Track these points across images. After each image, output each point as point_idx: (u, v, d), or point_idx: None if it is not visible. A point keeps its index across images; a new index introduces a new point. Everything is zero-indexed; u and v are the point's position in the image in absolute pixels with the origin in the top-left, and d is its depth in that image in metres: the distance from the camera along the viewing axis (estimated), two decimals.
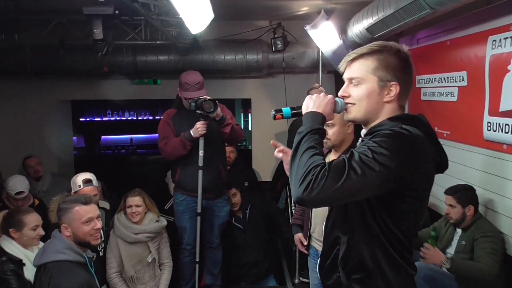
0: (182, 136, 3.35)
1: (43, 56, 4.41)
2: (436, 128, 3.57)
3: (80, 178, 3.11)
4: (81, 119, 8.80)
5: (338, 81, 5.16)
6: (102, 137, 9.18)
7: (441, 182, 2.93)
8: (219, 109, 3.25)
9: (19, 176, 3.75)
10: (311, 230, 2.82)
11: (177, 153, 3.42)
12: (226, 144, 4.46)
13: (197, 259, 3.50)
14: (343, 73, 1.53)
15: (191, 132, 3.31)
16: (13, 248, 2.64)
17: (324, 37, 4.00)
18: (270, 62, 4.83)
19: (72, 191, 3.12)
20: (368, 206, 1.39)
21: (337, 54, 4.12)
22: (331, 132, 2.53)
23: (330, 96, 1.50)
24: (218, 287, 3.81)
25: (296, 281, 3.99)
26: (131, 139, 8.97)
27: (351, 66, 1.49)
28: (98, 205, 2.99)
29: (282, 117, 1.63)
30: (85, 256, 2.24)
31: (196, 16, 2.71)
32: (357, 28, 3.71)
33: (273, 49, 4.67)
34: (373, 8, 3.30)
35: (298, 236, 2.98)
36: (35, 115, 5.08)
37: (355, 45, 4.05)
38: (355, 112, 1.48)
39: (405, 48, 1.48)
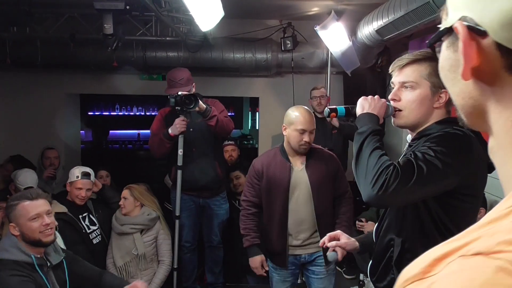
0: (161, 134, 3.32)
1: (54, 50, 4.44)
2: None
3: (80, 169, 3.18)
4: (89, 113, 8.85)
5: (346, 82, 5.15)
6: (110, 131, 9.22)
7: None
8: (200, 102, 3.16)
9: (29, 170, 3.78)
10: (289, 241, 2.68)
11: (158, 151, 3.40)
12: (231, 142, 4.47)
13: (175, 266, 3.43)
14: (391, 77, 1.56)
15: (169, 129, 3.24)
16: None
17: (334, 38, 3.99)
18: (279, 62, 4.82)
19: (68, 180, 3.17)
20: (425, 207, 1.43)
21: (346, 55, 4.11)
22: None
23: (383, 100, 1.55)
24: (220, 284, 3.82)
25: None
26: (139, 134, 9.00)
27: (403, 71, 1.51)
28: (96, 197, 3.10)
29: (336, 116, 1.68)
30: (32, 256, 2.09)
31: (206, 13, 2.72)
32: (367, 29, 3.70)
33: (283, 49, 4.67)
34: (383, 10, 3.28)
35: (260, 259, 2.72)
36: (44, 108, 5.12)
37: (364, 46, 4.04)
38: (406, 118, 1.51)
39: None
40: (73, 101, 5.77)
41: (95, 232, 3.18)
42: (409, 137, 1.57)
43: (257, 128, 7.87)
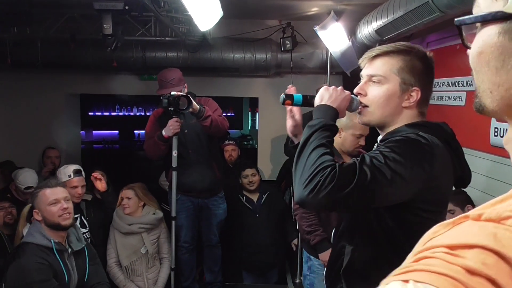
0: (155, 136, 3.29)
1: (54, 50, 4.45)
2: None
3: (71, 168, 3.20)
4: (90, 114, 8.87)
5: (346, 82, 5.15)
6: (110, 132, 9.23)
7: None
8: (194, 103, 3.12)
9: (29, 170, 3.79)
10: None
11: (153, 153, 3.38)
12: (232, 142, 4.47)
13: (173, 266, 3.45)
14: (361, 69, 1.43)
15: (163, 131, 3.21)
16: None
17: (333, 38, 4.00)
18: (278, 62, 4.83)
19: (59, 181, 3.14)
20: (376, 217, 1.29)
21: (346, 55, 4.11)
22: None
23: (347, 92, 1.41)
24: (219, 283, 3.83)
25: (297, 280, 3.99)
26: (139, 134, 9.01)
27: (373, 63, 1.38)
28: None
29: (292, 104, 1.50)
30: (52, 241, 2.31)
31: (204, 13, 2.72)
32: (367, 30, 3.71)
33: (282, 49, 4.67)
34: (383, 10, 3.29)
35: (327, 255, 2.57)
36: (45, 108, 5.12)
37: (364, 47, 4.04)
38: (371, 115, 1.37)
39: (431, 53, 1.39)
40: (73, 101, 5.77)
41: (85, 235, 3.12)
42: (379, 138, 1.43)
43: (256, 128, 7.87)
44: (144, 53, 4.58)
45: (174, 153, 3.24)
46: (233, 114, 9.23)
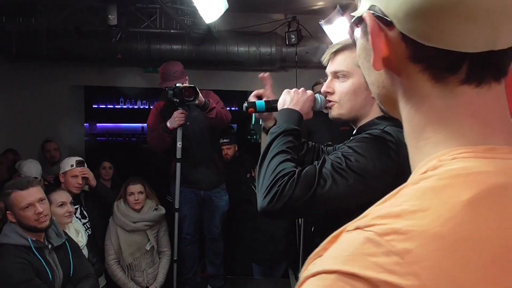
0: (160, 128, 3.29)
1: (58, 41, 4.45)
2: None
3: (73, 159, 3.17)
4: (94, 106, 8.88)
5: None
6: (114, 124, 9.25)
7: None
8: (200, 95, 3.11)
9: (33, 161, 3.80)
10: None
11: (158, 145, 3.38)
12: (226, 141, 4.43)
13: (175, 258, 3.46)
14: (325, 67, 1.39)
15: (168, 122, 3.21)
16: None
17: (339, 32, 3.97)
18: (283, 56, 4.81)
19: (61, 171, 3.15)
20: (347, 216, 1.23)
21: None
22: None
23: (310, 92, 1.39)
24: (221, 276, 3.84)
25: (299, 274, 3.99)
26: (142, 127, 9.02)
27: (335, 59, 1.35)
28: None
29: (255, 111, 1.48)
30: (29, 239, 2.15)
31: (210, 5, 2.71)
32: None
33: (287, 43, 4.65)
34: None
35: None
36: (49, 99, 5.13)
37: None
38: (339, 110, 1.34)
39: None
40: (78, 93, 5.78)
41: (85, 225, 3.13)
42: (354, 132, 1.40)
43: (260, 123, 7.84)
44: (149, 45, 4.57)
45: (179, 144, 3.23)
46: (237, 109, 9.21)
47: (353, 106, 1.32)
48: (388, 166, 1.15)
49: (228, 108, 3.64)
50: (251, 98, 1.52)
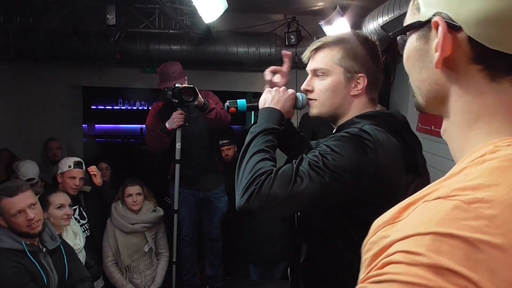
0: (158, 129, 3.27)
1: (57, 41, 4.42)
2: (432, 126, 3.63)
3: (71, 159, 3.15)
4: (92, 107, 8.86)
5: None
6: (113, 125, 9.23)
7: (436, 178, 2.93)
8: (199, 96, 3.10)
9: (30, 162, 3.77)
10: None
11: (156, 146, 3.36)
12: (225, 142, 4.41)
13: (174, 260, 3.45)
14: (306, 65, 1.40)
15: (167, 123, 3.19)
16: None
17: (338, 33, 3.96)
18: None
19: (59, 171, 3.13)
20: (327, 215, 1.25)
21: None
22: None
23: (291, 91, 1.40)
24: (220, 277, 3.82)
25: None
26: (141, 129, 8.99)
27: (315, 57, 1.35)
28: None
29: (236, 110, 1.50)
30: (23, 243, 2.12)
31: (209, 5, 2.70)
32: (372, 25, 3.67)
33: (286, 44, 4.63)
34: (389, 5, 3.25)
35: None
36: (47, 99, 5.11)
37: None
38: (319, 108, 1.35)
39: (373, 37, 1.37)
40: (76, 94, 5.76)
41: (84, 226, 3.11)
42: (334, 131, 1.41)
43: None
44: (148, 45, 4.55)
45: (178, 145, 3.21)
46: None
47: (332, 104, 1.33)
48: (365, 165, 1.15)
49: None
50: (267, 74, 1.54)
